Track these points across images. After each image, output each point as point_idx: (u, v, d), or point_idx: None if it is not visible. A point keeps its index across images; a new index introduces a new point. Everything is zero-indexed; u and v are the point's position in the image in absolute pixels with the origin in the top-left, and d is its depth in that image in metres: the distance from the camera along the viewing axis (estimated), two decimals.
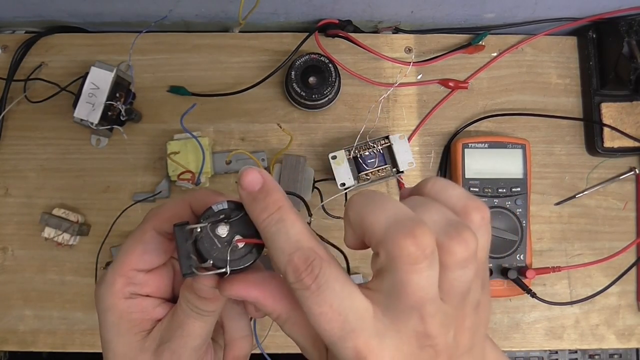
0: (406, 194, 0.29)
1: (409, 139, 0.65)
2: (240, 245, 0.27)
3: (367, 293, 0.25)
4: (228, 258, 0.27)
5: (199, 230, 0.27)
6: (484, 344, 0.27)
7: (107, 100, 0.59)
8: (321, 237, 0.57)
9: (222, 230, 0.27)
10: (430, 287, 0.23)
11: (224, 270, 0.27)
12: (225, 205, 0.28)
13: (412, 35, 0.67)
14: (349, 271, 0.62)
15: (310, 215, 0.57)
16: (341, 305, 0.24)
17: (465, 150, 0.63)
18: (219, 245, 0.27)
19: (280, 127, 0.59)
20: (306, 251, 0.25)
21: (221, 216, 0.27)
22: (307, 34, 0.64)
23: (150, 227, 0.32)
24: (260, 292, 0.27)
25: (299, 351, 0.29)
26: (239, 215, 0.27)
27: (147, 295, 0.32)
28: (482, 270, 0.26)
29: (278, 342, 0.62)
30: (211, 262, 0.27)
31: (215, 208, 0.28)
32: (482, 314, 0.27)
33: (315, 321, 0.24)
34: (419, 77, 0.67)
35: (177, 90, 0.65)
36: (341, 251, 0.60)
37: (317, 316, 0.24)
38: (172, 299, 0.34)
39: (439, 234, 0.24)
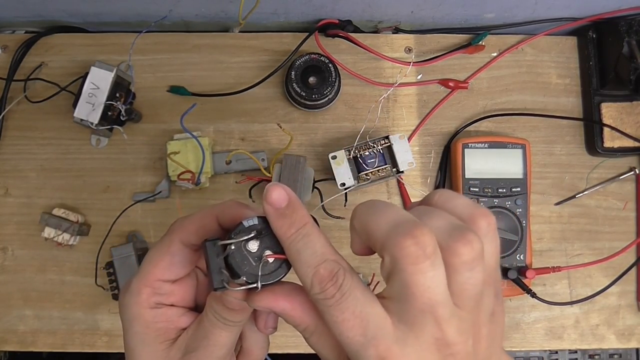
0: (414, 207, 0.29)
1: (409, 139, 0.65)
2: (271, 260, 0.28)
3: (382, 302, 0.25)
4: (260, 274, 0.28)
5: (232, 247, 0.28)
6: (500, 356, 0.27)
7: (107, 100, 0.59)
8: None
9: (253, 246, 0.28)
10: (436, 287, 0.24)
11: (255, 285, 0.28)
12: (256, 221, 0.28)
13: (412, 35, 0.67)
14: None
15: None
16: (362, 312, 0.24)
17: (465, 150, 0.63)
18: (251, 261, 0.28)
19: (280, 127, 0.59)
20: (331, 263, 0.26)
21: (252, 232, 0.28)
22: (307, 34, 0.64)
23: (177, 239, 0.32)
24: (289, 303, 0.28)
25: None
26: (269, 230, 0.28)
27: (172, 305, 0.33)
28: (493, 277, 0.27)
29: (278, 342, 0.62)
30: (244, 277, 0.28)
31: (246, 224, 0.28)
32: (497, 324, 0.27)
33: (337, 329, 0.25)
34: (419, 77, 0.67)
35: (177, 90, 0.65)
36: None
37: (340, 323, 0.25)
38: (195, 308, 0.34)
39: (444, 238, 0.25)
